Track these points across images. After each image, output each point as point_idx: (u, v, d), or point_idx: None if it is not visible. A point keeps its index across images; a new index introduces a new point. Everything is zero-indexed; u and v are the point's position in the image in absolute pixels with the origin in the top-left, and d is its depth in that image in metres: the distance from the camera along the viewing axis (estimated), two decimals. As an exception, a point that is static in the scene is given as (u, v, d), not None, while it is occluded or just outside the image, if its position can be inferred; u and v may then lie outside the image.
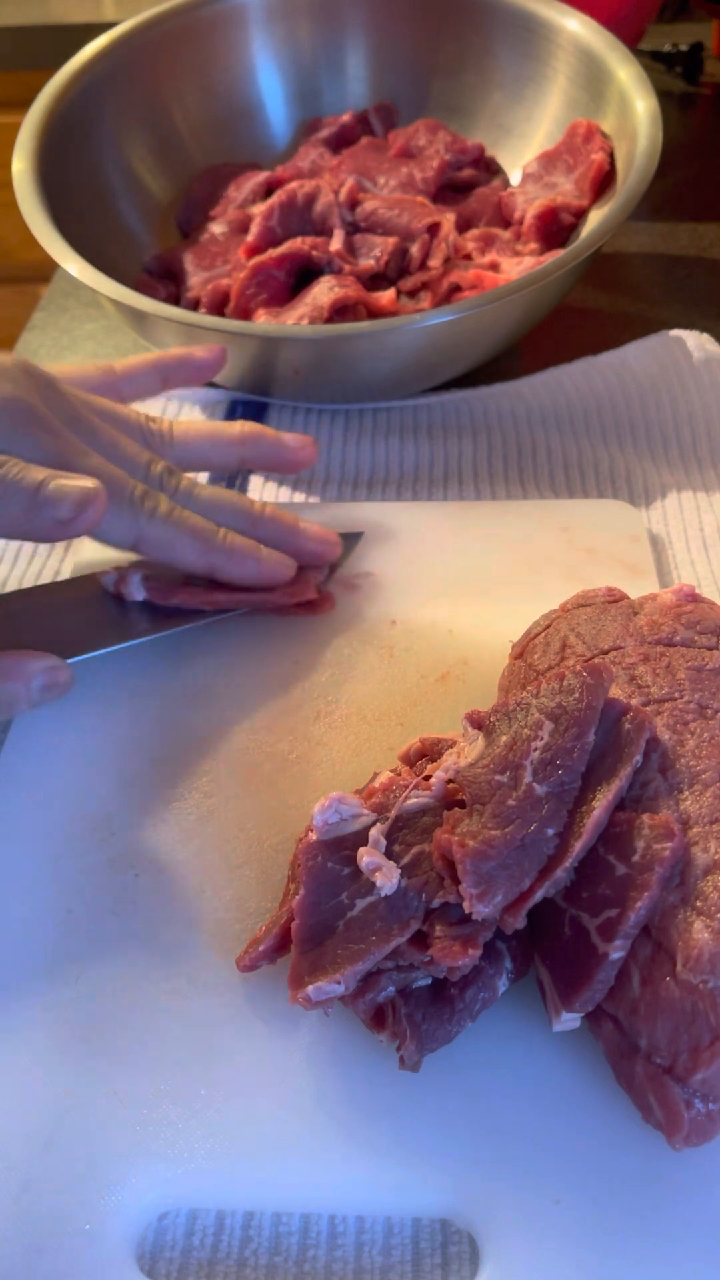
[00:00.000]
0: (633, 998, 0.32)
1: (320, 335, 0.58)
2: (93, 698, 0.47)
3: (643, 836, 0.33)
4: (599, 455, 0.60)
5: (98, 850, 0.42)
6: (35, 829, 0.42)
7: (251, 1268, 0.32)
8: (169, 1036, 0.36)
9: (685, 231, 0.81)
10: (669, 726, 0.36)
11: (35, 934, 0.39)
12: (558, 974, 0.34)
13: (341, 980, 0.33)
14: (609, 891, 0.33)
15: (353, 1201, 0.33)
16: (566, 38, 0.71)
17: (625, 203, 0.61)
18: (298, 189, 0.68)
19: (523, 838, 0.34)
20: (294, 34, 0.77)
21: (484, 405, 0.64)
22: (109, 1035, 0.36)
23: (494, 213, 0.72)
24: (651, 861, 0.32)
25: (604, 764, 0.35)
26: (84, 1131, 0.34)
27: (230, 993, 0.37)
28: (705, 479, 0.58)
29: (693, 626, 0.39)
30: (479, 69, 0.76)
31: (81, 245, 0.62)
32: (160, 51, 0.74)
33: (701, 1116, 0.32)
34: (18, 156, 0.66)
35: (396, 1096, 0.34)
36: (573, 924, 0.33)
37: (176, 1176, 0.33)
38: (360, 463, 0.61)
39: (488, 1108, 0.34)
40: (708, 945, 0.31)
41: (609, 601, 0.42)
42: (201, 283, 0.68)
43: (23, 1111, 0.35)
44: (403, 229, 0.67)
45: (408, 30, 0.77)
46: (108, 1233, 0.32)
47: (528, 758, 0.35)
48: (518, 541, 0.53)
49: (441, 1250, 0.33)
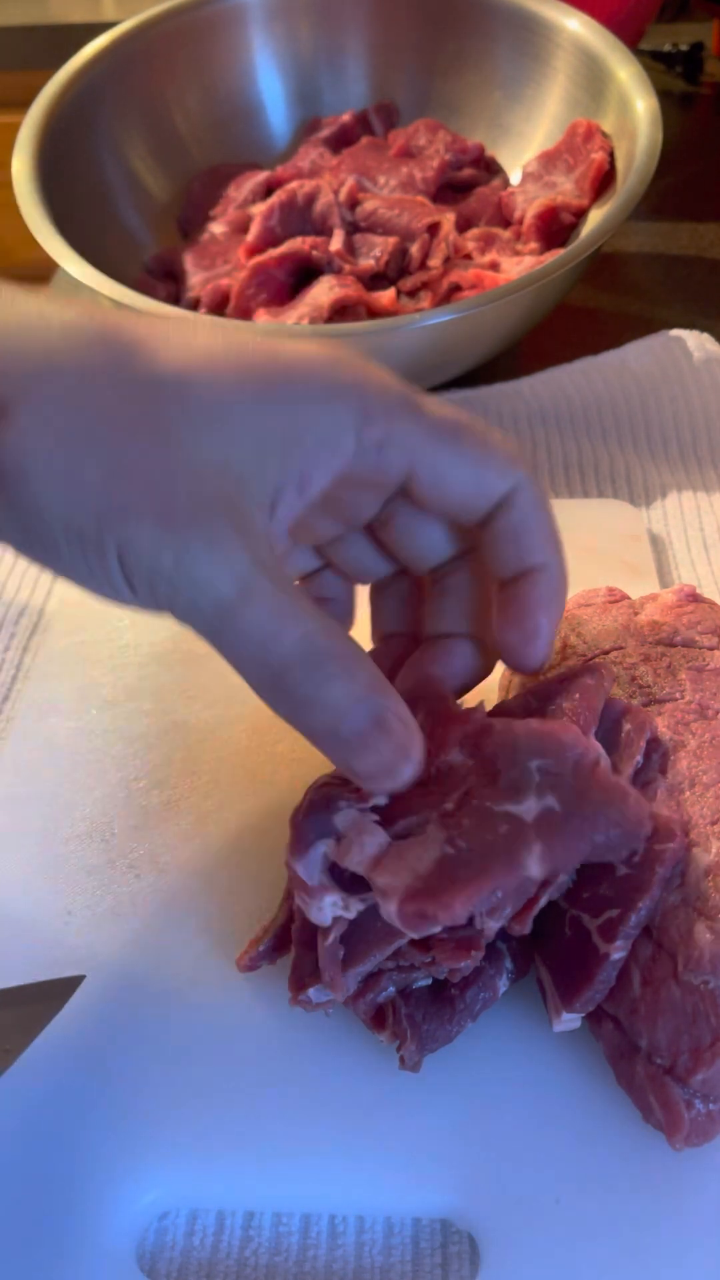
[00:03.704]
0: (633, 998, 0.32)
1: (320, 335, 0.57)
2: (93, 697, 0.47)
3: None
4: (599, 455, 0.60)
5: (98, 850, 0.42)
6: (35, 829, 0.42)
7: (251, 1268, 0.32)
8: (169, 1037, 0.36)
9: (685, 231, 0.81)
10: (670, 727, 0.36)
11: (35, 934, 0.39)
12: (558, 974, 0.33)
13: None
14: (610, 892, 0.33)
15: (353, 1201, 0.33)
16: (567, 37, 0.71)
17: (625, 202, 0.61)
18: (298, 189, 0.68)
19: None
20: (294, 34, 0.77)
21: (484, 405, 0.64)
22: (109, 1035, 0.36)
23: (494, 212, 0.72)
24: (652, 862, 0.32)
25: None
26: (84, 1131, 0.34)
27: (230, 993, 0.37)
28: (705, 479, 0.58)
29: (693, 627, 0.39)
30: (479, 69, 0.76)
31: (81, 245, 0.62)
32: (160, 51, 0.74)
33: (702, 1117, 0.32)
34: (18, 156, 0.66)
35: (397, 1096, 0.34)
36: (573, 924, 0.33)
37: (176, 1176, 0.33)
38: (360, 463, 0.61)
39: (488, 1108, 0.34)
40: (709, 946, 0.31)
41: (610, 601, 0.42)
42: (201, 283, 0.68)
43: (23, 1111, 0.35)
44: (403, 229, 0.67)
45: (408, 30, 0.77)
46: (108, 1233, 0.32)
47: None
48: (518, 541, 0.53)
49: (441, 1250, 0.33)
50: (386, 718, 0.32)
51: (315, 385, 0.32)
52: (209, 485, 0.30)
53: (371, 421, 0.32)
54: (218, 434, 0.31)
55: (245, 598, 0.30)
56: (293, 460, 0.31)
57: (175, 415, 0.30)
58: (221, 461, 0.31)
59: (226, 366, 0.31)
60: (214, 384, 0.31)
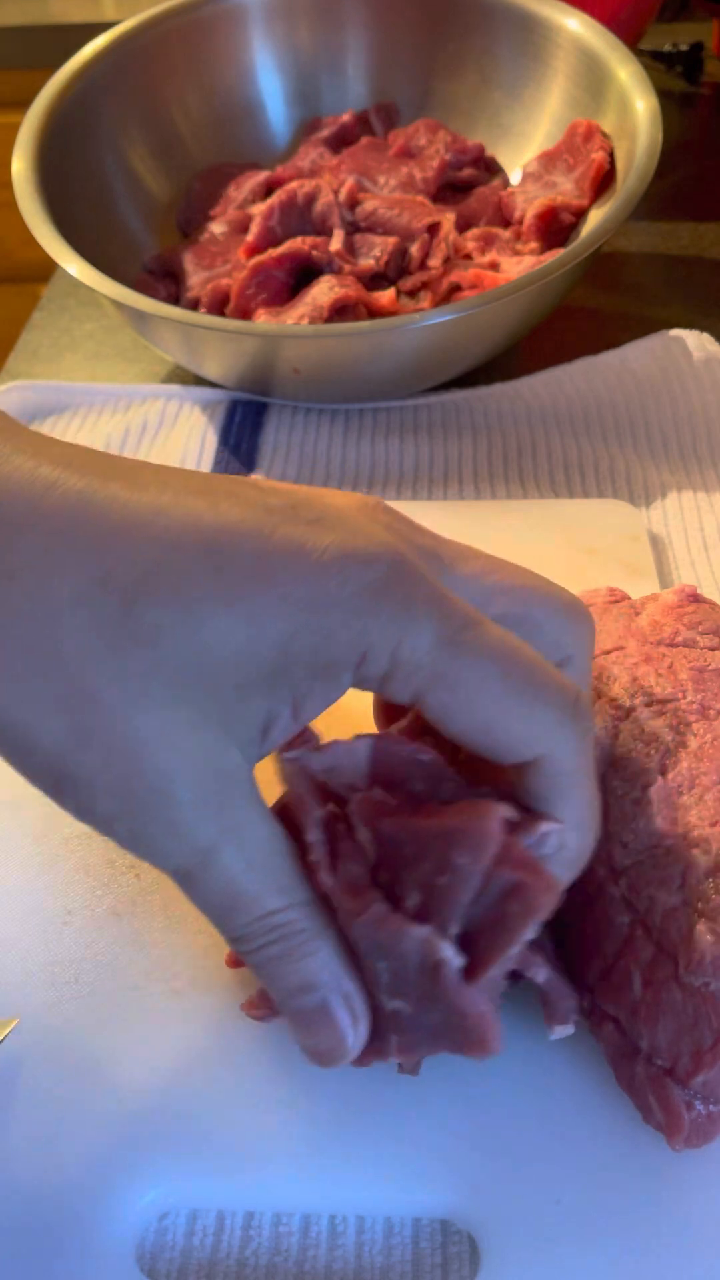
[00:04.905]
0: (634, 1000, 0.32)
1: (320, 335, 0.57)
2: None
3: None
4: (599, 455, 0.60)
5: (98, 850, 0.41)
6: (34, 829, 0.42)
7: (251, 1268, 0.32)
8: (169, 1037, 0.36)
9: (685, 231, 0.81)
10: (671, 727, 0.36)
11: (35, 935, 0.39)
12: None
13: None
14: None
15: (353, 1201, 0.33)
16: (567, 37, 0.71)
17: (625, 202, 0.61)
18: (298, 189, 0.68)
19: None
20: (294, 34, 0.77)
21: (484, 405, 0.64)
22: (109, 1035, 0.36)
23: (494, 212, 0.72)
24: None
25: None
26: (84, 1131, 0.34)
27: (231, 993, 0.37)
28: (705, 479, 0.58)
29: (694, 627, 0.39)
30: (479, 69, 0.76)
31: (81, 245, 0.62)
32: (160, 51, 0.74)
33: (702, 1118, 0.32)
34: (17, 156, 0.66)
35: (397, 1097, 0.34)
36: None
37: (176, 1177, 0.33)
38: (360, 462, 0.61)
39: (488, 1108, 0.34)
40: (710, 948, 0.31)
41: (610, 602, 0.42)
42: (201, 282, 0.68)
43: (23, 1111, 0.35)
44: (403, 229, 0.67)
45: (408, 30, 0.77)
46: (108, 1233, 0.32)
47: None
48: (517, 541, 0.53)
49: (442, 1250, 0.33)
50: (329, 1007, 0.30)
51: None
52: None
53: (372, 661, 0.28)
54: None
55: (204, 867, 0.29)
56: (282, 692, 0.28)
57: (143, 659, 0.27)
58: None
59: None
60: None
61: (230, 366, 0.61)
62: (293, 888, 0.30)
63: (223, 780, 0.29)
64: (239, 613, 0.27)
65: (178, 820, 0.28)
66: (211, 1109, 0.34)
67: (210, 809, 0.28)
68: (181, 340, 0.60)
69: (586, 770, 0.30)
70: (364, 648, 0.28)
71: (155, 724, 0.28)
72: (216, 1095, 0.35)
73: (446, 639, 0.28)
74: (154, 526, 0.27)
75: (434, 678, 0.28)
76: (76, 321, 0.76)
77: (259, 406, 0.65)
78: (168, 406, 0.65)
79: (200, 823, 0.28)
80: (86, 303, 0.77)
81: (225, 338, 0.58)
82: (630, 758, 0.35)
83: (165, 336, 0.61)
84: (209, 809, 0.28)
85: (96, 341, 0.74)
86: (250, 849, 0.29)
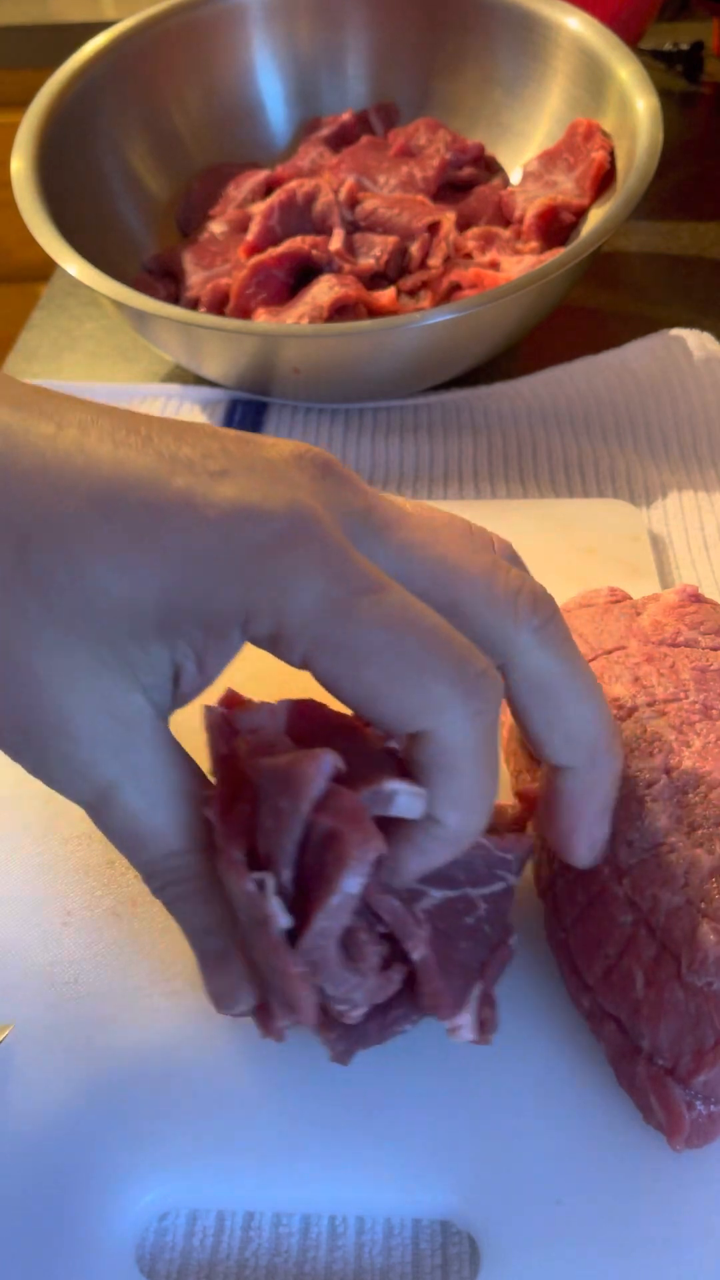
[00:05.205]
0: (636, 999, 0.32)
1: (320, 334, 0.57)
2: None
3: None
4: (599, 455, 0.60)
5: (98, 850, 0.41)
6: (34, 829, 0.42)
7: (251, 1269, 0.32)
8: (169, 1038, 0.36)
9: (686, 231, 0.81)
10: (674, 727, 0.36)
11: (35, 935, 0.39)
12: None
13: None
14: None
15: (353, 1202, 0.33)
16: (567, 36, 0.71)
17: (626, 202, 0.61)
18: (297, 188, 0.68)
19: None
20: (294, 34, 0.77)
21: (484, 405, 0.64)
22: (109, 1036, 0.36)
23: (494, 211, 0.71)
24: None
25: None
26: (84, 1132, 0.34)
27: (231, 993, 0.37)
28: (706, 479, 0.58)
29: (696, 627, 0.39)
30: (479, 68, 0.76)
31: (81, 245, 0.62)
32: (160, 51, 0.74)
33: (703, 1118, 0.32)
34: (17, 156, 0.66)
35: (397, 1097, 0.34)
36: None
37: (176, 1177, 0.33)
38: (360, 462, 0.61)
39: (488, 1108, 0.34)
40: (713, 947, 0.31)
41: (611, 602, 0.42)
42: (201, 282, 0.68)
43: (23, 1112, 0.34)
44: (403, 228, 0.67)
45: (408, 30, 0.77)
46: (108, 1233, 0.32)
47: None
48: (518, 541, 0.52)
49: (442, 1251, 0.33)
50: (229, 952, 0.31)
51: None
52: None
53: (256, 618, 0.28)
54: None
55: (106, 802, 0.30)
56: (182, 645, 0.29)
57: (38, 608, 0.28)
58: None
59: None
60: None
61: (230, 366, 0.61)
62: (201, 832, 0.30)
63: (123, 722, 0.29)
64: (119, 564, 0.27)
65: (74, 756, 0.29)
66: (211, 1109, 0.34)
67: (109, 748, 0.29)
68: (181, 340, 0.60)
69: (477, 749, 0.29)
70: (248, 606, 0.27)
71: (51, 664, 0.28)
72: (216, 1096, 0.35)
73: (335, 603, 0.27)
74: (51, 472, 0.27)
75: (317, 641, 0.27)
76: (76, 321, 0.76)
77: (259, 406, 0.65)
78: (167, 406, 0.65)
79: (99, 761, 0.29)
80: (86, 302, 0.77)
81: (225, 337, 0.58)
82: (633, 758, 0.35)
83: (165, 336, 0.61)
84: (108, 748, 0.29)
85: (96, 341, 0.74)
86: (153, 790, 0.30)
